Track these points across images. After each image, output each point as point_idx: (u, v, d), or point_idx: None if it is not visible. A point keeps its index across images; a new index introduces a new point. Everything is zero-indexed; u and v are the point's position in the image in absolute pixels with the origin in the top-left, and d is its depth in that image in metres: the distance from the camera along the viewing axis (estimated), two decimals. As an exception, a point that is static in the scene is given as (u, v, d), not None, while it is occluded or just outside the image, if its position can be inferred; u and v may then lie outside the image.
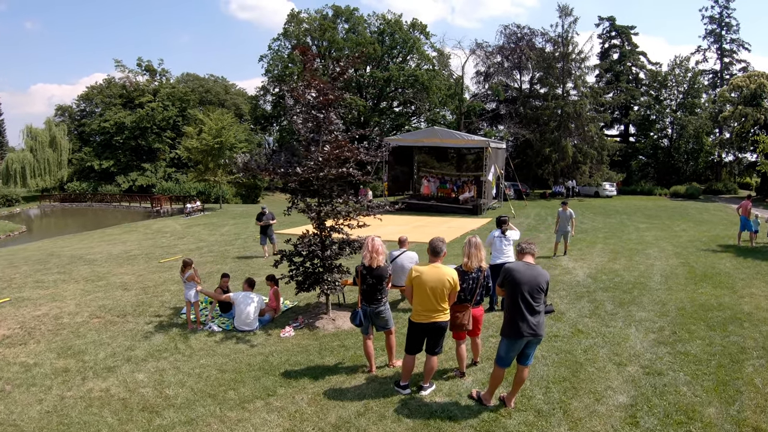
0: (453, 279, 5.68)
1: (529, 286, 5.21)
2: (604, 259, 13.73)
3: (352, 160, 8.86)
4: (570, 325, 8.26)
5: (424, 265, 5.85)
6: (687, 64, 49.88)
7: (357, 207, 9.03)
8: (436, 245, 5.80)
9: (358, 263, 6.63)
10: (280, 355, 7.37)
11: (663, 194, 44.04)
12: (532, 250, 5.53)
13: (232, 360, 7.25)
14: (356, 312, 6.54)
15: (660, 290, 10.35)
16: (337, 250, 8.93)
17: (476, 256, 6.02)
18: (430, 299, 5.66)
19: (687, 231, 19.57)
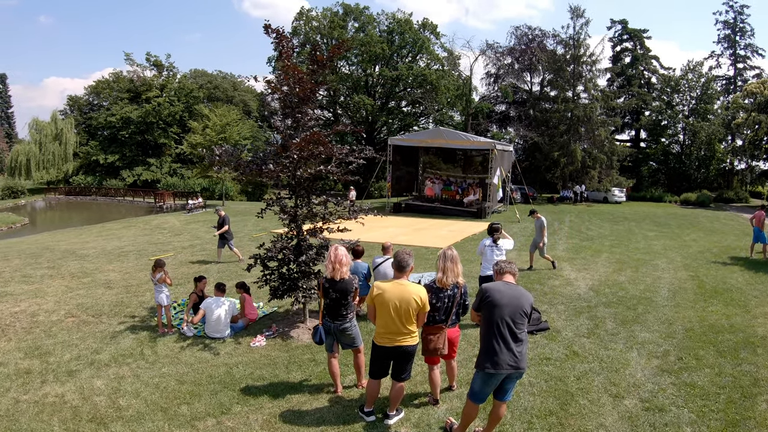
0: (420, 298, 5.05)
1: (510, 310, 4.54)
2: (609, 270, 13.07)
3: (334, 159, 8.30)
4: (565, 346, 7.63)
5: (387, 282, 5.22)
6: (700, 69, 48.97)
7: (338, 210, 8.50)
8: (400, 259, 5.17)
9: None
10: (244, 368, 6.93)
11: (673, 201, 43.24)
12: (513, 270, 4.89)
13: (194, 370, 6.86)
14: (317, 328, 6.00)
15: (667, 307, 9.69)
16: (314, 256, 8.38)
17: (452, 270, 5.37)
18: (393, 321, 5.04)
19: (697, 241, 18.85)
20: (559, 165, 39.90)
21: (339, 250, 5.82)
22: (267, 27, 8.12)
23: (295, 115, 8.20)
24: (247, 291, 9.18)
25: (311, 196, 8.47)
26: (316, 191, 8.61)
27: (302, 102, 8.18)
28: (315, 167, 8.13)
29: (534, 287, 11.04)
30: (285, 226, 8.47)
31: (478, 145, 28.00)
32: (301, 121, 8.22)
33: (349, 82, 56.25)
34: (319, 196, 8.57)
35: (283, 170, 8.03)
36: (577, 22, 39.19)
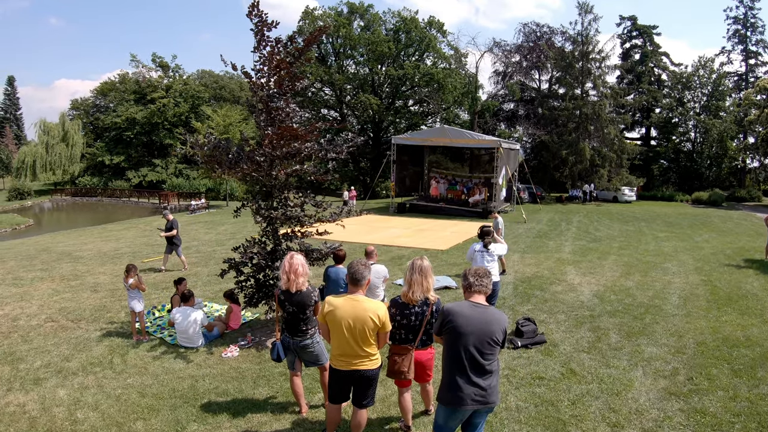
0: (379, 316, 4.35)
1: (475, 338, 3.78)
2: (616, 274, 12.37)
3: (314, 158, 7.80)
4: (561, 363, 6.92)
5: (340, 297, 4.53)
6: (711, 65, 48.02)
7: (318, 212, 8.01)
8: (354, 270, 4.46)
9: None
10: (210, 381, 6.51)
11: (684, 200, 42.40)
12: (484, 287, 3.99)
13: (159, 382, 6.50)
14: (274, 344, 5.43)
15: (677, 317, 8.95)
16: None
17: (420, 284, 4.66)
18: (348, 342, 4.39)
19: (709, 242, 18.14)
20: (568, 164, 39.19)
21: (294, 259, 5.21)
22: (253, 6, 7.51)
23: (269, 110, 7.67)
24: (236, 301, 8.73)
25: (288, 198, 7.96)
26: (294, 192, 8.11)
27: (279, 95, 7.66)
28: (291, 166, 7.62)
29: (534, 293, 10.47)
30: (261, 229, 8.01)
31: (483, 143, 27.43)
32: (276, 117, 7.68)
33: (355, 81, 55.88)
34: (297, 197, 8.06)
35: (258, 169, 7.52)
36: (586, 18, 38.48)
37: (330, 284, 8.20)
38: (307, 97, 57.72)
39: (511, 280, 11.57)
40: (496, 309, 3.89)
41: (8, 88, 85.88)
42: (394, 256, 14.88)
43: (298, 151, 7.71)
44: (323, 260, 8.20)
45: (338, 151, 8.04)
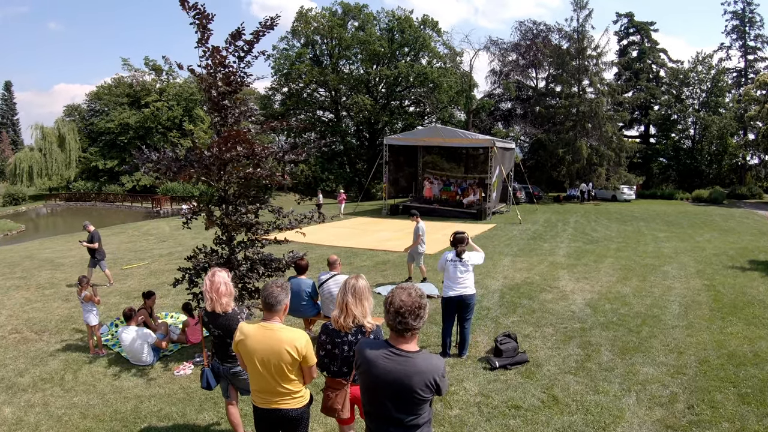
0: (297, 348, 3.59)
1: (392, 393, 2.90)
2: (612, 279, 11.57)
3: (272, 159, 7.28)
4: (543, 388, 6.09)
5: (252, 324, 3.79)
6: (710, 61, 47.36)
7: (279, 219, 7.48)
8: (267, 293, 3.68)
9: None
10: (156, 402, 6.04)
11: (685, 198, 41.71)
12: (408, 327, 2.87)
13: (104, 402, 6.14)
14: (203, 371, 4.86)
15: (677, 329, 8.09)
16: (245, 271, 7.25)
17: (354, 307, 3.90)
18: (263, 377, 3.68)
19: (711, 242, 17.42)
20: (565, 163, 38.54)
21: (216, 276, 4.56)
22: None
23: (220, 109, 7.05)
24: (192, 314, 8.15)
25: (243, 204, 7.37)
26: (250, 198, 7.53)
27: (230, 92, 7.07)
28: (244, 170, 7.01)
29: (521, 302, 9.68)
30: (214, 237, 7.48)
31: (476, 142, 26.75)
32: (228, 118, 7.07)
33: (350, 82, 55.38)
34: (252, 203, 7.47)
35: (208, 173, 6.90)
36: (581, 13, 37.87)
37: (291, 296, 7.57)
38: (302, 98, 57.29)
39: (498, 288, 10.82)
40: (427, 355, 2.95)
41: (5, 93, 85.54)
42: (379, 261, 14.21)
43: (252, 153, 7.06)
44: (283, 270, 7.60)
45: (298, 152, 7.40)
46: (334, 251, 16.16)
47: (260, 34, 7.12)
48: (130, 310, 7.77)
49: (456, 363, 6.86)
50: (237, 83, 7.08)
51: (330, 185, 54.24)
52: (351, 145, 58.63)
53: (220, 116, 7.10)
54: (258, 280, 7.41)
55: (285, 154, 7.37)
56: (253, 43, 7.08)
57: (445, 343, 7.12)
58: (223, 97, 7.04)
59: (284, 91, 58.10)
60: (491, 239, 18.06)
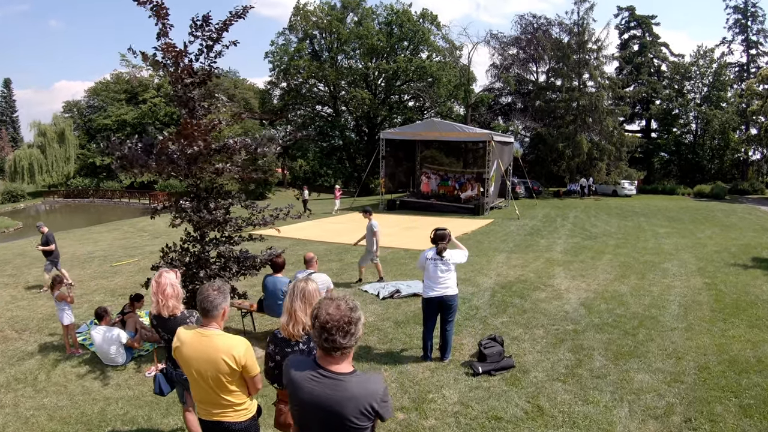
0: (236, 357, 3.26)
1: (319, 418, 2.47)
2: (610, 277, 11.09)
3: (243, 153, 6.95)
4: (528, 396, 5.63)
5: (189, 330, 3.46)
6: (711, 55, 46.78)
7: (254, 217, 7.17)
8: (202, 297, 3.32)
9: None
10: (123, 405, 5.87)
11: (686, 194, 41.27)
12: (337, 346, 2.42)
13: (73, 403, 5.98)
14: (155, 376, 4.60)
15: (676, 331, 7.58)
16: (217, 270, 6.94)
17: (303, 314, 3.51)
18: (202, 387, 3.35)
19: (713, 238, 17.00)
20: (565, 157, 38.10)
21: (163, 278, 4.29)
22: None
23: (185, 102, 6.72)
24: None
25: (213, 200, 7.05)
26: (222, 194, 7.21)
27: (197, 84, 6.76)
28: (213, 165, 6.69)
29: (513, 302, 9.24)
30: (184, 234, 7.25)
31: (474, 136, 26.32)
32: (196, 111, 6.72)
33: (349, 76, 54.96)
34: (225, 198, 7.16)
35: (176, 169, 6.57)
36: (582, 6, 37.36)
37: (268, 295, 7.43)
38: (301, 93, 56.92)
39: (490, 286, 10.39)
40: (363, 378, 2.53)
41: (4, 90, 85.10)
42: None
43: (224, 147, 6.75)
44: (258, 268, 7.28)
45: (269, 145, 7.07)
46: (324, 247, 15.82)
47: (228, 23, 6.83)
48: (103, 309, 7.60)
49: (437, 367, 6.48)
50: (204, 74, 6.74)
51: (329, 180, 53.92)
52: (350, 140, 58.25)
53: (188, 109, 6.76)
54: (231, 279, 7.08)
55: (258, 147, 6.98)
56: (222, 31, 6.76)
57: (426, 346, 6.75)
58: (189, 89, 6.72)
59: (283, 86, 57.82)
60: (487, 235, 17.69)
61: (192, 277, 6.95)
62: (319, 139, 57.45)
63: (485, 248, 14.90)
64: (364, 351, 7.15)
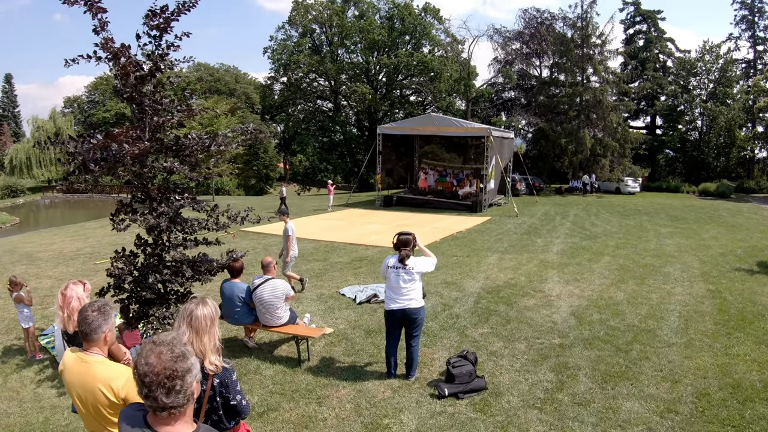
0: (114, 389, 2.77)
1: None
2: (606, 282, 10.33)
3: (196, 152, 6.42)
4: (497, 426, 4.96)
5: (72, 353, 2.95)
6: (718, 50, 45.80)
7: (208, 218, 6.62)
8: (82, 318, 2.85)
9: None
10: (67, 415, 5.55)
11: (691, 192, 40.43)
12: (159, 400, 1.87)
13: (21, 411, 5.76)
14: None
15: (674, 348, 6.79)
16: (169, 276, 6.37)
17: (191, 343, 2.91)
18: (85, 415, 2.87)
19: (718, 239, 16.24)
20: (568, 153, 37.32)
21: (69, 290, 3.93)
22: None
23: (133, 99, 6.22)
24: (129, 317, 7.38)
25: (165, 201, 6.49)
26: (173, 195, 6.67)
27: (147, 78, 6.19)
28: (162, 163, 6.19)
29: (497, 309, 8.51)
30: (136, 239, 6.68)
31: (471, 131, 25.60)
32: (147, 107, 6.23)
33: (350, 71, 54.36)
34: (179, 200, 6.60)
35: (124, 169, 6.14)
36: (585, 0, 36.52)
37: (224, 302, 6.97)
38: (301, 88, 56.38)
39: (476, 290, 9.68)
40: None
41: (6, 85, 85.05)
42: (356, 258, 13.14)
43: (176, 144, 6.31)
44: (213, 273, 6.73)
45: (224, 143, 6.61)
46: (313, 245, 15.21)
47: (175, 12, 6.25)
48: None
49: (401, 386, 5.82)
50: (153, 66, 6.21)
51: (328, 176, 53.37)
52: (351, 135, 57.65)
53: (139, 107, 6.25)
54: (183, 285, 6.51)
55: (210, 146, 6.44)
56: (169, 21, 6.19)
57: (389, 362, 6.09)
58: (141, 83, 6.15)
59: (283, 80, 57.33)
60: (482, 233, 17.02)
61: (140, 284, 6.35)
62: (320, 134, 56.96)
63: (478, 248, 14.22)
64: (326, 363, 6.57)
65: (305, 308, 8.84)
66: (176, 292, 6.67)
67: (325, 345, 7.21)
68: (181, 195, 6.71)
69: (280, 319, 6.85)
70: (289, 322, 6.95)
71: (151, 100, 6.35)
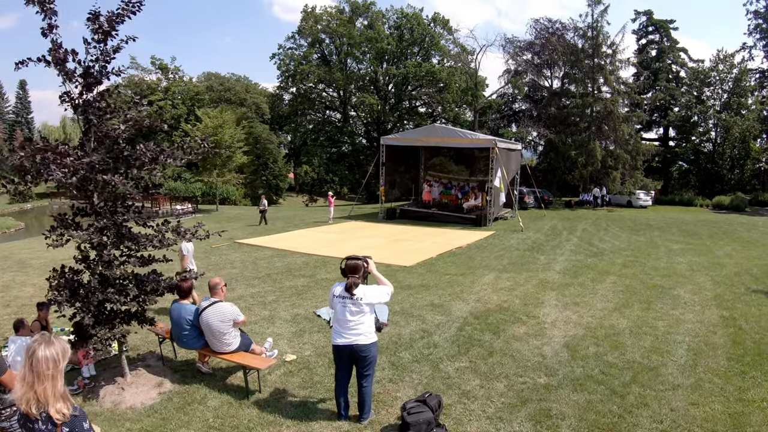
0: None
1: None
2: (609, 307, 9.40)
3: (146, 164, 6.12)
4: None
5: None
6: (732, 60, 44.71)
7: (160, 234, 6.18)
8: None
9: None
10: None
11: (704, 205, 39.31)
12: None
13: None
14: None
15: (679, 391, 5.84)
16: (111, 294, 5.90)
17: (32, 388, 2.58)
18: None
19: (732, 256, 15.32)
20: (578, 165, 36.38)
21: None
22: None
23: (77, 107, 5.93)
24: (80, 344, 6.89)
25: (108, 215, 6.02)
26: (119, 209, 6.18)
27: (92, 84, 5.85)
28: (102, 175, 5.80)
29: (482, 338, 7.63)
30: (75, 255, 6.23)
31: (476, 143, 24.83)
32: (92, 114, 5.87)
33: (358, 81, 54.02)
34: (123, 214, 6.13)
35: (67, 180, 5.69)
36: (596, 9, 35.75)
37: (173, 324, 6.53)
38: (310, 98, 56.15)
39: (463, 315, 8.85)
40: None
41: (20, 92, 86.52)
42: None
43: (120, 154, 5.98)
44: (160, 293, 6.30)
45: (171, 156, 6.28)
46: (303, 260, 14.54)
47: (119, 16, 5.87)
48: (20, 320, 6.93)
49: (350, 431, 5.10)
50: (99, 72, 5.88)
51: (334, 187, 52.84)
52: (360, 146, 57.21)
53: (84, 116, 5.90)
54: (126, 303, 5.96)
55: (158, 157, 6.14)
56: (112, 23, 5.81)
57: (339, 403, 5.34)
58: (87, 90, 5.85)
59: (292, 91, 57.24)
60: (483, 249, 16.22)
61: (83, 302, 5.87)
62: (329, 144, 56.65)
63: (475, 265, 13.41)
64: (277, 397, 5.86)
65: (275, 330, 8.16)
66: (123, 312, 6.16)
67: (282, 374, 6.54)
68: (126, 209, 6.14)
69: (228, 346, 6.23)
70: (240, 348, 6.31)
71: (97, 109, 5.95)
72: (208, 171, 35.15)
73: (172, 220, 6.66)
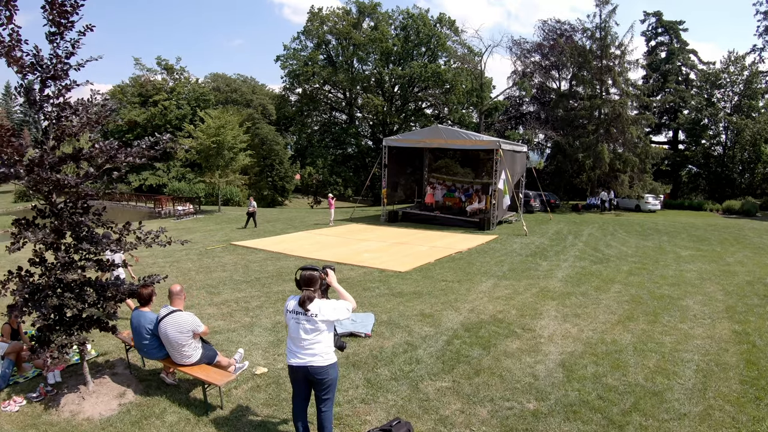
0: None
1: None
2: (612, 319, 8.77)
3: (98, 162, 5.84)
4: None
5: None
6: (742, 61, 43.86)
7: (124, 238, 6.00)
8: None
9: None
10: None
11: (714, 210, 38.56)
12: None
13: None
14: None
15: (685, 421, 5.22)
16: (72, 299, 5.62)
17: None
18: None
19: (744, 263, 14.68)
20: (585, 168, 35.71)
21: None
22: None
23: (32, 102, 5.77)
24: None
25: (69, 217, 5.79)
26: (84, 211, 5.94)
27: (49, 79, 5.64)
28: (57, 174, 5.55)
29: (470, 354, 7.07)
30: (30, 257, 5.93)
31: (480, 144, 24.24)
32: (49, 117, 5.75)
33: (363, 82, 53.66)
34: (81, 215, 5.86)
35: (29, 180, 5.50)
36: (604, 9, 35.14)
37: (133, 333, 6.17)
38: (315, 99, 55.89)
39: (454, 327, 8.27)
40: None
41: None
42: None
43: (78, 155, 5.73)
44: (119, 299, 6.00)
45: (131, 154, 5.99)
46: (296, 263, 14.04)
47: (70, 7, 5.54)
48: None
49: None
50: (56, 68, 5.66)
51: (339, 189, 52.45)
52: (365, 147, 56.83)
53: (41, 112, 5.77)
54: (84, 310, 5.60)
55: (114, 155, 5.82)
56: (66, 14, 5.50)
57: (297, 427, 4.80)
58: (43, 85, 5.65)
59: (298, 92, 57.10)
60: (484, 254, 15.66)
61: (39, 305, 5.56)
62: (334, 146, 56.30)
63: (473, 272, 12.85)
64: (238, 415, 5.41)
65: (252, 339, 7.68)
66: (84, 318, 5.84)
67: (249, 389, 6.08)
68: (84, 210, 5.77)
69: (188, 358, 5.80)
70: (202, 360, 5.87)
71: (54, 105, 5.76)
72: (211, 172, 34.85)
73: (134, 223, 6.26)
